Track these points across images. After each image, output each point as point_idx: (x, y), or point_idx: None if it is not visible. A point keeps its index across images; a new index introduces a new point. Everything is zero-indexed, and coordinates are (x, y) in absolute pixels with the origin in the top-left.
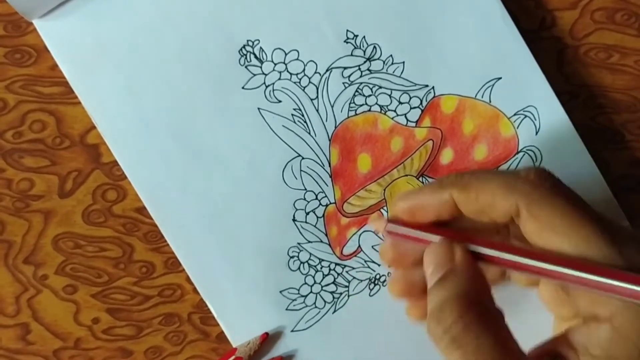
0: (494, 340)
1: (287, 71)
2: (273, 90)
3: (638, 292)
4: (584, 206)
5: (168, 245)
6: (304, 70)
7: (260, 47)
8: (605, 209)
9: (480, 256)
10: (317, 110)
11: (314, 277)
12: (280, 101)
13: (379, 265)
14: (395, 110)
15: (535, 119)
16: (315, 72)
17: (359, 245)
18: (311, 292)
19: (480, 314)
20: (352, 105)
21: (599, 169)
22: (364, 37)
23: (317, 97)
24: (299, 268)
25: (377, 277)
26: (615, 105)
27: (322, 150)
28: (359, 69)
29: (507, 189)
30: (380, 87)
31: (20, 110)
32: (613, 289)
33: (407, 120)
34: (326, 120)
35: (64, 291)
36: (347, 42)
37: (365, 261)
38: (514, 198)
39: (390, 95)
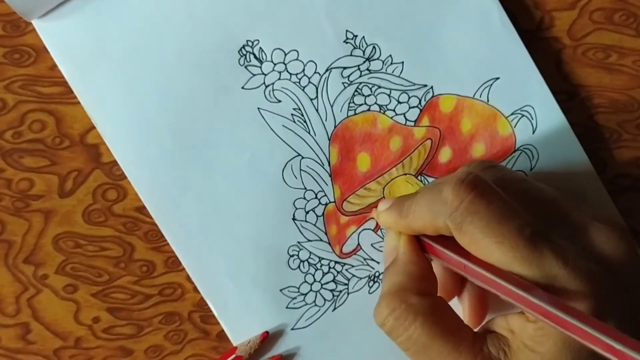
0: (427, 330)
1: (287, 71)
2: (273, 90)
3: (534, 303)
4: (507, 217)
5: (168, 244)
6: (303, 70)
7: (260, 47)
8: (601, 209)
9: (430, 249)
10: (317, 110)
11: (313, 276)
12: (279, 101)
13: (378, 263)
14: (394, 110)
15: (532, 119)
16: (315, 72)
17: (359, 244)
18: (311, 290)
19: (411, 306)
20: (351, 104)
21: (595, 168)
22: (364, 37)
23: (317, 96)
24: (298, 266)
25: (377, 274)
26: (613, 105)
27: (321, 150)
28: (359, 68)
29: (431, 213)
30: (380, 87)
31: (19, 110)
32: (519, 299)
33: (406, 119)
34: (326, 120)
35: (64, 290)
36: (346, 42)
37: (364, 259)
38: (440, 220)
39: (389, 95)
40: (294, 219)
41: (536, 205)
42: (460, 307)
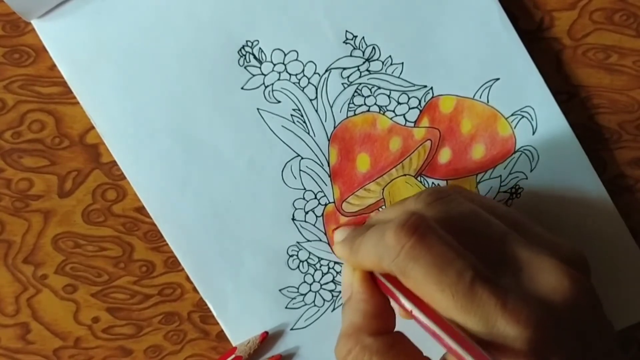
0: None
1: (287, 72)
2: (272, 90)
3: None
4: (448, 262)
5: (168, 244)
6: (303, 70)
7: (260, 48)
8: (601, 209)
9: (382, 287)
10: (316, 111)
11: (313, 276)
12: (279, 101)
13: None
14: (394, 111)
15: (532, 119)
16: (315, 73)
17: None
18: (310, 290)
19: (365, 347)
20: (351, 105)
21: (595, 169)
22: (363, 37)
23: (316, 97)
24: (298, 267)
25: None
26: (613, 105)
27: (321, 150)
28: (358, 69)
29: (377, 256)
30: (379, 88)
31: (19, 110)
32: (450, 348)
33: (406, 120)
34: (325, 121)
35: (64, 290)
36: (346, 43)
37: None
38: (385, 264)
39: (389, 96)
40: (293, 219)
41: (481, 242)
42: None
